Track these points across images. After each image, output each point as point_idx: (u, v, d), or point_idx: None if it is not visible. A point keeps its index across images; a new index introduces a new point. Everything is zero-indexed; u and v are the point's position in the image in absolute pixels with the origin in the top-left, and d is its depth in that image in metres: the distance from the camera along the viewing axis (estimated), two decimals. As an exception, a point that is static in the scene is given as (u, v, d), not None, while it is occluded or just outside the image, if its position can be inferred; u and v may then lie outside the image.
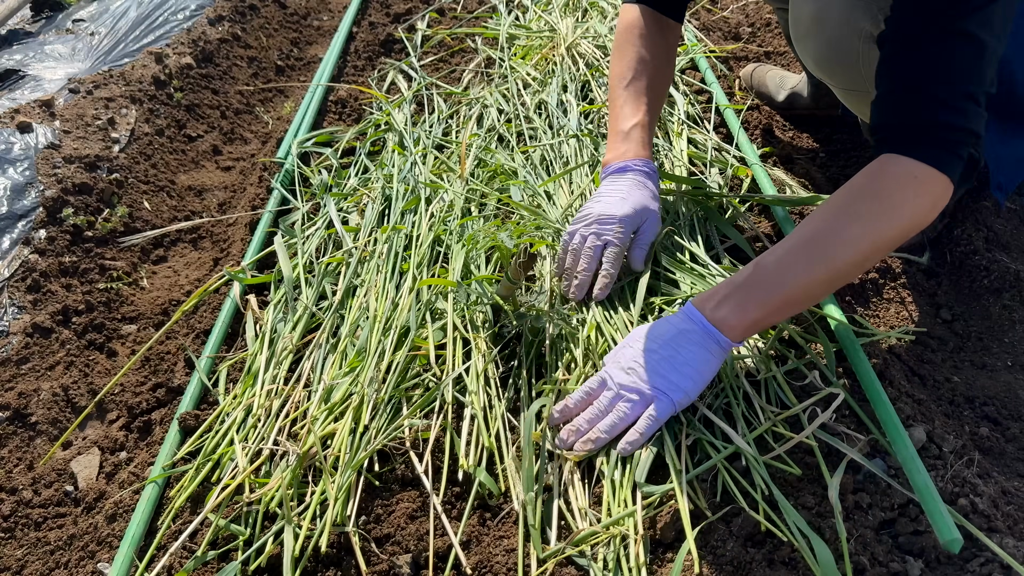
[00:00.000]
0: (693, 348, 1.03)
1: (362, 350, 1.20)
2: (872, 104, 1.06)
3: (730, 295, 1.04)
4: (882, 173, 1.01)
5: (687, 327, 1.05)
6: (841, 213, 1.02)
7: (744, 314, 1.02)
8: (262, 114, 2.23)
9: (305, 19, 2.73)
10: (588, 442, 1.04)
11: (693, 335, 1.04)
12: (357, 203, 1.61)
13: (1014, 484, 1.06)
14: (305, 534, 0.98)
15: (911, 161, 0.99)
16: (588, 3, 2.30)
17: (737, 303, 1.03)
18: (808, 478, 1.01)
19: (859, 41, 1.21)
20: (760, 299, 1.02)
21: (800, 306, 1.08)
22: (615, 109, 1.39)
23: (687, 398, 1.04)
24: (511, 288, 1.21)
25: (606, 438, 1.03)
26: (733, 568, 0.92)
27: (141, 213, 1.76)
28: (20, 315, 1.47)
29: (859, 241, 0.99)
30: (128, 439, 1.26)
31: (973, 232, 1.44)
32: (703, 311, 1.04)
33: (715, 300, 1.04)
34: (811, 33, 1.30)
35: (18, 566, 1.10)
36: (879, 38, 1.06)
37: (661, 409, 1.02)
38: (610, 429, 1.03)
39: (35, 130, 1.82)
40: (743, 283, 1.04)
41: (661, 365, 1.04)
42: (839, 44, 1.25)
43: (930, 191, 1.00)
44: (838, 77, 1.32)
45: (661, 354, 1.04)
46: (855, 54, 1.23)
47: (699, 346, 1.03)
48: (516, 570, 0.95)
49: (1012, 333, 1.33)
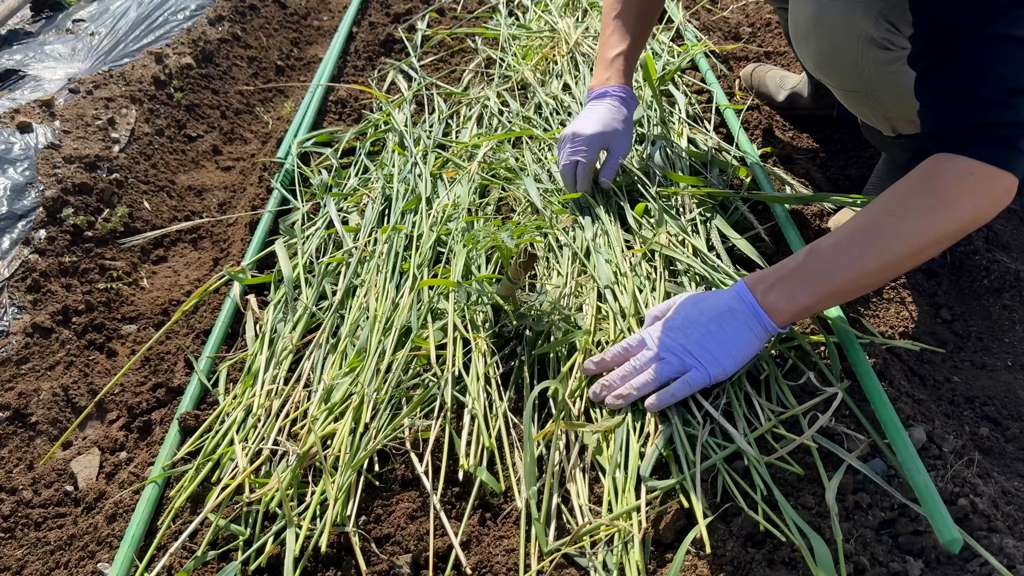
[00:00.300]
0: (739, 327, 1.05)
1: (362, 350, 1.20)
2: (920, 115, 1.04)
3: (782, 280, 1.05)
4: (937, 170, 1.00)
5: (737, 306, 1.06)
6: (896, 206, 1.01)
7: (793, 301, 1.04)
8: (262, 114, 2.23)
9: (305, 19, 2.73)
10: (619, 397, 1.07)
11: (741, 315, 1.05)
12: (357, 203, 1.61)
13: (1014, 484, 1.06)
14: (305, 534, 0.98)
15: (966, 159, 0.98)
16: (588, 3, 2.30)
17: (788, 289, 1.04)
18: (808, 478, 1.01)
19: (859, 42, 1.21)
20: (811, 287, 1.03)
21: (850, 295, 1.08)
22: (603, 38, 1.52)
23: (724, 374, 1.06)
24: (512, 288, 1.21)
25: (636, 395, 1.06)
26: (733, 568, 0.92)
27: (141, 213, 1.76)
28: (20, 315, 1.47)
29: (913, 234, 0.99)
30: (128, 439, 1.26)
31: (973, 232, 1.44)
32: (755, 292, 1.06)
33: (767, 283, 1.06)
34: (811, 34, 1.30)
35: (18, 566, 1.10)
36: (910, 58, 1.04)
37: (697, 378, 1.05)
38: (642, 387, 1.06)
39: (35, 130, 1.82)
40: (795, 269, 1.05)
41: (705, 338, 1.06)
42: (839, 45, 1.25)
43: (990, 188, 0.98)
44: (838, 78, 1.32)
45: (707, 327, 1.06)
46: (855, 55, 1.23)
47: (745, 326, 1.05)
48: (516, 570, 0.95)
49: (1012, 333, 1.33)
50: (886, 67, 1.22)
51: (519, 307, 1.23)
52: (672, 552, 0.96)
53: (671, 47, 2.05)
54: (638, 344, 1.10)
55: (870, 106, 1.32)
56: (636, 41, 1.49)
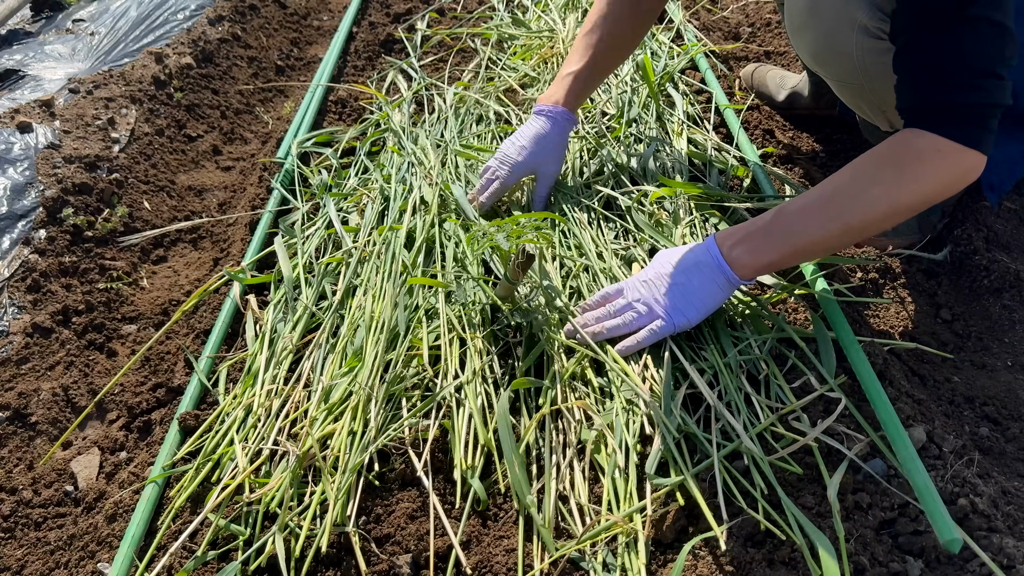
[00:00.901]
0: (705, 280, 1.13)
1: (359, 350, 1.20)
2: (896, 89, 1.09)
3: (749, 236, 1.12)
4: (905, 144, 1.04)
5: (704, 259, 1.14)
6: (861, 175, 1.06)
7: (757, 257, 1.11)
8: (262, 114, 2.23)
9: (305, 19, 2.73)
10: (591, 335, 1.16)
11: (707, 268, 1.13)
12: (357, 203, 1.61)
13: (1014, 484, 1.06)
14: (305, 534, 0.98)
15: (935, 136, 1.01)
16: (588, 3, 2.30)
17: (753, 246, 1.11)
18: (808, 477, 1.01)
19: (854, 32, 1.22)
20: (775, 246, 1.10)
21: (812, 257, 1.19)
22: (569, 54, 1.51)
23: (688, 324, 1.14)
24: (509, 288, 1.21)
25: (605, 335, 1.17)
26: (733, 568, 0.92)
27: (141, 213, 1.76)
28: (20, 315, 1.47)
29: (875, 204, 1.04)
30: (128, 439, 1.26)
31: (973, 232, 1.44)
32: (721, 247, 1.13)
33: (734, 239, 1.13)
34: (806, 25, 1.31)
35: (18, 566, 1.10)
36: (890, 34, 1.10)
37: (663, 328, 1.14)
38: (612, 330, 1.16)
39: (35, 130, 1.82)
40: (762, 228, 1.12)
41: (673, 290, 1.15)
42: (834, 35, 1.25)
43: (956, 164, 1.02)
44: (833, 69, 1.32)
45: (676, 280, 1.15)
46: (850, 45, 1.23)
47: (710, 280, 1.13)
48: (516, 570, 0.95)
49: (1012, 333, 1.33)
50: (880, 57, 1.22)
51: (517, 307, 1.23)
52: (671, 552, 0.96)
53: (671, 47, 2.05)
54: (615, 292, 1.20)
55: (865, 98, 1.33)
56: (595, 62, 1.46)
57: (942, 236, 1.47)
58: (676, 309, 1.14)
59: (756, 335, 1.18)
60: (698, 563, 0.93)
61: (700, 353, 1.17)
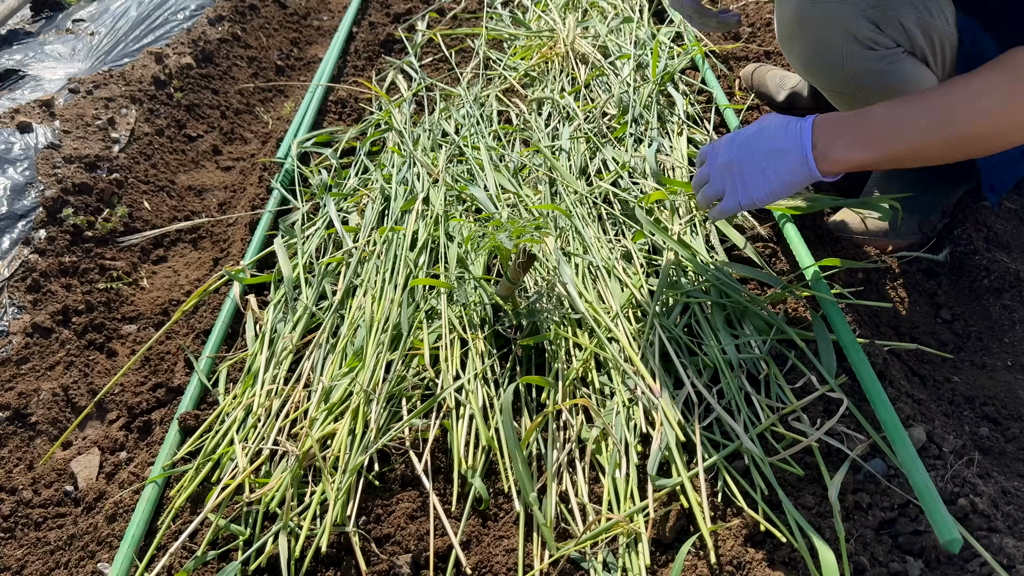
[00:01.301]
0: (783, 169, 1.09)
1: (360, 350, 1.20)
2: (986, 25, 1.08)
3: (847, 133, 1.06)
4: (1013, 60, 0.99)
5: (788, 148, 1.08)
6: (975, 86, 1.01)
7: (850, 155, 1.05)
8: (262, 114, 2.23)
9: (305, 19, 2.73)
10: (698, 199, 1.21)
11: (790, 157, 1.08)
12: (357, 203, 1.61)
13: (1014, 484, 1.06)
14: (305, 534, 0.98)
15: None
16: (588, 3, 2.30)
17: (848, 143, 1.05)
18: (808, 478, 1.01)
19: (843, 41, 1.22)
20: (874, 147, 1.04)
21: (908, 163, 1.10)
22: None
23: (752, 205, 1.14)
24: (511, 288, 1.21)
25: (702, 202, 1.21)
26: (733, 568, 0.92)
27: (141, 213, 1.76)
28: (20, 315, 1.47)
29: (986, 114, 0.99)
30: (128, 439, 1.26)
31: (973, 232, 1.44)
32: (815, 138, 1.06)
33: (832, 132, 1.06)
34: (795, 35, 1.31)
35: (18, 566, 1.10)
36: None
37: (728, 203, 1.14)
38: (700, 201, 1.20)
39: (35, 130, 1.82)
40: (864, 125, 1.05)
41: (749, 168, 1.12)
42: (823, 45, 1.25)
43: None
44: (824, 78, 1.32)
45: (756, 162, 1.11)
46: (840, 54, 1.23)
47: (788, 169, 1.08)
48: (516, 570, 0.95)
49: (1012, 333, 1.33)
50: (871, 66, 1.22)
51: (518, 307, 1.23)
52: (671, 552, 0.96)
53: (671, 47, 2.05)
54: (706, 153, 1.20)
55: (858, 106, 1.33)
56: None
57: (942, 236, 1.47)
58: (746, 189, 1.12)
59: (756, 335, 1.18)
60: (698, 563, 0.93)
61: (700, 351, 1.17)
